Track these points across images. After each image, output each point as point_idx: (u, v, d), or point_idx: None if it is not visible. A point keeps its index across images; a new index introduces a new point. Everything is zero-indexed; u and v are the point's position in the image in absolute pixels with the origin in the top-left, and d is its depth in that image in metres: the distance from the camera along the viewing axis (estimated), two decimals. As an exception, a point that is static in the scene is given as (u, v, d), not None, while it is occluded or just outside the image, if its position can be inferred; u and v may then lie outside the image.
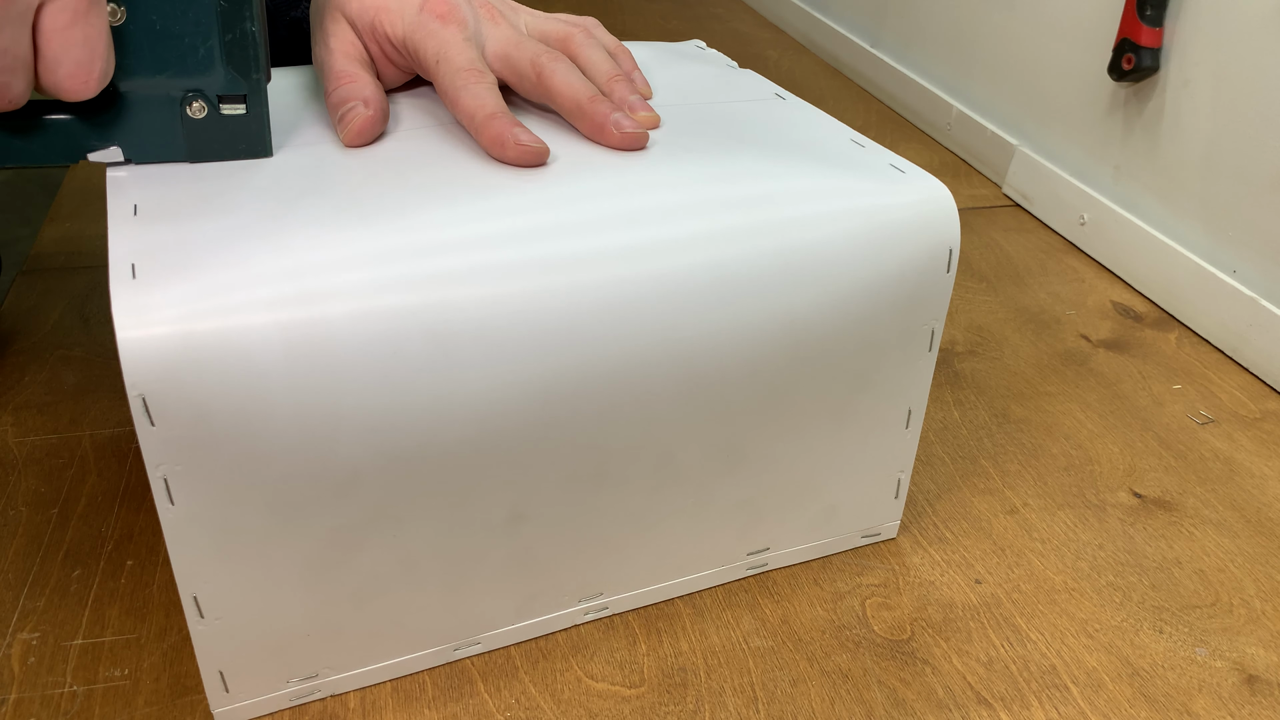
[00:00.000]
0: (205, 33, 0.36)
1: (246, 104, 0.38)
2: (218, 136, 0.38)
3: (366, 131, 0.40)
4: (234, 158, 0.39)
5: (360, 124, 0.40)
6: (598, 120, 0.41)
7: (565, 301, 0.36)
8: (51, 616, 0.44)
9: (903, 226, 0.41)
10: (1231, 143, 0.69)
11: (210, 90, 0.37)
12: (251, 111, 0.38)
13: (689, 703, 0.42)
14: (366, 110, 0.40)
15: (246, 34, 0.36)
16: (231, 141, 0.38)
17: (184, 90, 0.37)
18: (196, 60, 0.36)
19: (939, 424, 0.60)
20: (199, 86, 0.37)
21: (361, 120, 0.40)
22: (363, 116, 0.40)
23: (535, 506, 0.40)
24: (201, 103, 0.37)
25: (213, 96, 0.37)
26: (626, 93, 0.44)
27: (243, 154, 0.38)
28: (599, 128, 0.41)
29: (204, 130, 0.38)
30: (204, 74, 0.36)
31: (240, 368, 0.32)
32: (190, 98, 0.37)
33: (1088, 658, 0.45)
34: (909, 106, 1.09)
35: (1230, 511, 0.54)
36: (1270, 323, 0.65)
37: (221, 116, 0.37)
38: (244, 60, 0.37)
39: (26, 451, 0.54)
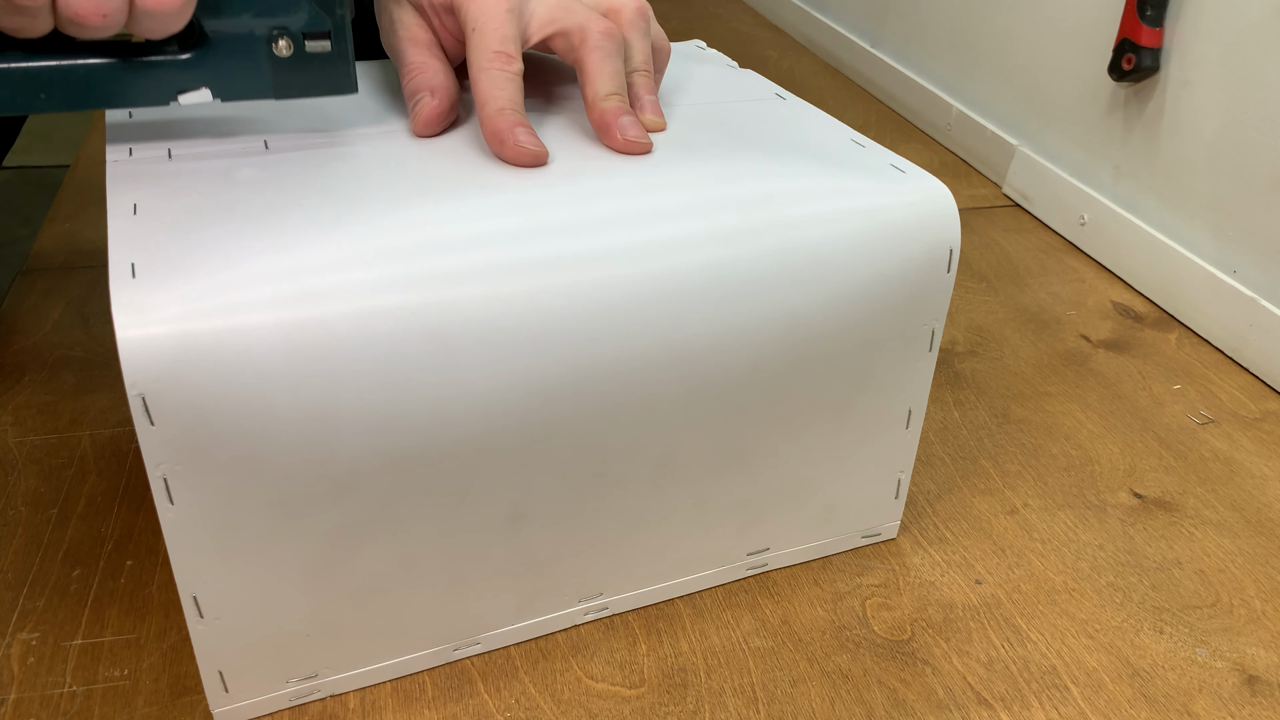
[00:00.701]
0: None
1: (331, 40, 0.38)
2: (303, 74, 0.38)
3: (434, 121, 0.41)
4: (319, 94, 0.39)
5: (427, 114, 0.41)
6: (606, 119, 0.41)
7: (565, 301, 0.36)
8: (51, 616, 0.44)
9: (903, 226, 0.41)
10: (1232, 143, 0.69)
11: (295, 27, 0.37)
12: (336, 48, 0.38)
13: (689, 703, 0.42)
14: (433, 100, 0.41)
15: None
16: (317, 79, 0.39)
17: (270, 28, 0.37)
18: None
19: (939, 424, 0.60)
20: (284, 24, 0.37)
21: (428, 111, 0.41)
22: (429, 107, 0.41)
23: (535, 506, 0.40)
24: (287, 40, 0.37)
25: (298, 33, 0.37)
26: (643, 90, 0.44)
27: (328, 90, 0.39)
28: (605, 127, 0.41)
29: (290, 68, 0.38)
30: (289, 11, 0.37)
31: (240, 367, 0.32)
32: (275, 35, 0.37)
33: (1088, 658, 0.45)
34: (909, 106, 1.09)
35: (1230, 512, 0.54)
36: (1270, 323, 0.65)
37: (306, 54, 0.38)
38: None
39: (26, 451, 0.54)
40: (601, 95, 0.42)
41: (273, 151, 0.40)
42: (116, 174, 0.37)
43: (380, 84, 0.47)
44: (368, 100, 0.45)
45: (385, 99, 0.46)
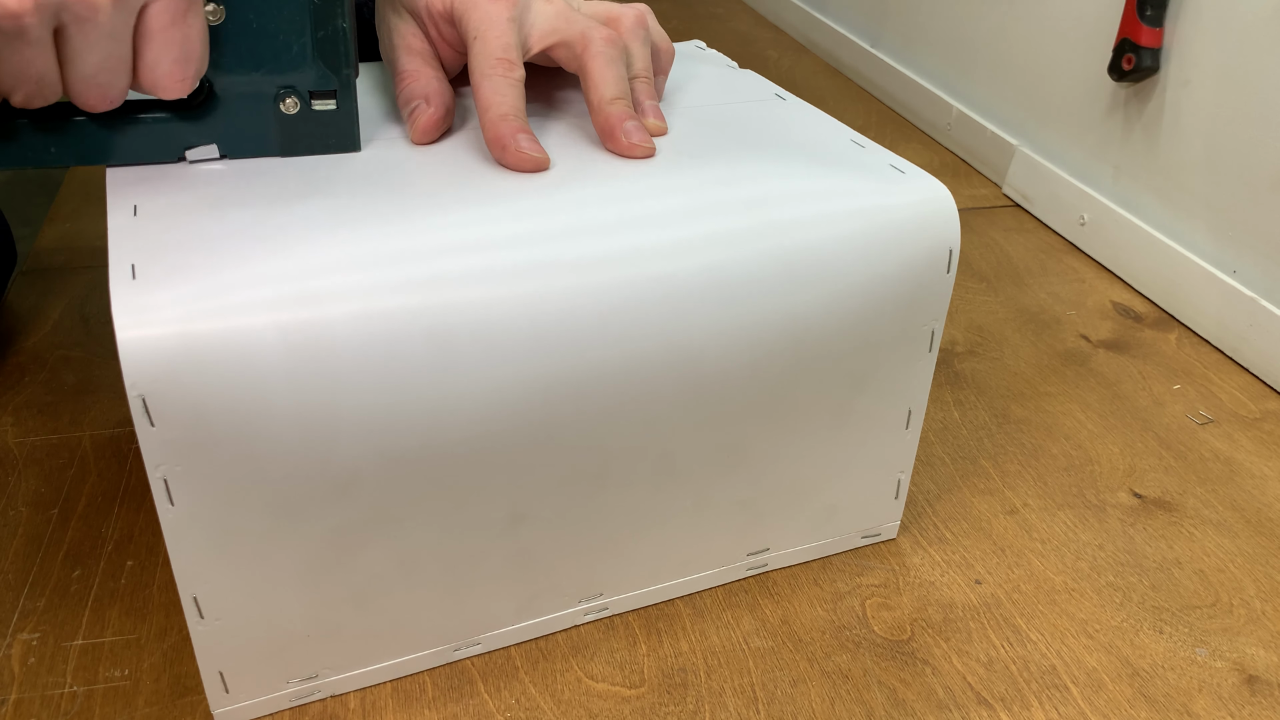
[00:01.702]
0: (299, 30, 0.37)
1: (337, 99, 0.39)
2: (309, 131, 0.39)
3: (431, 129, 0.41)
4: (324, 152, 0.40)
5: (424, 122, 0.41)
6: (610, 123, 0.42)
7: (565, 303, 0.36)
8: (51, 617, 0.44)
9: (903, 227, 0.41)
10: (1231, 143, 0.69)
11: (302, 86, 0.38)
12: (341, 107, 0.39)
13: (689, 703, 0.42)
14: (429, 108, 0.41)
15: (338, 30, 0.37)
16: (322, 136, 0.39)
17: (277, 87, 0.38)
18: (290, 57, 0.37)
19: (939, 424, 0.60)
20: (292, 83, 0.38)
21: (425, 119, 0.41)
22: (426, 115, 0.41)
23: (535, 507, 0.40)
24: (294, 99, 0.38)
25: (304, 92, 0.38)
26: (644, 96, 0.44)
27: (332, 148, 0.40)
28: (610, 131, 0.42)
29: (296, 126, 0.39)
30: (297, 70, 0.38)
31: (240, 368, 0.32)
32: (283, 94, 0.38)
33: (1088, 658, 0.45)
34: (909, 106, 1.09)
35: (1230, 512, 0.54)
36: (1270, 323, 0.65)
37: (313, 112, 0.39)
38: (335, 56, 0.38)
39: (26, 451, 0.54)
40: (606, 100, 0.42)
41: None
42: (116, 174, 0.37)
43: (380, 88, 0.47)
44: (368, 103, 0.45)
45: (385, 103, 0.46)
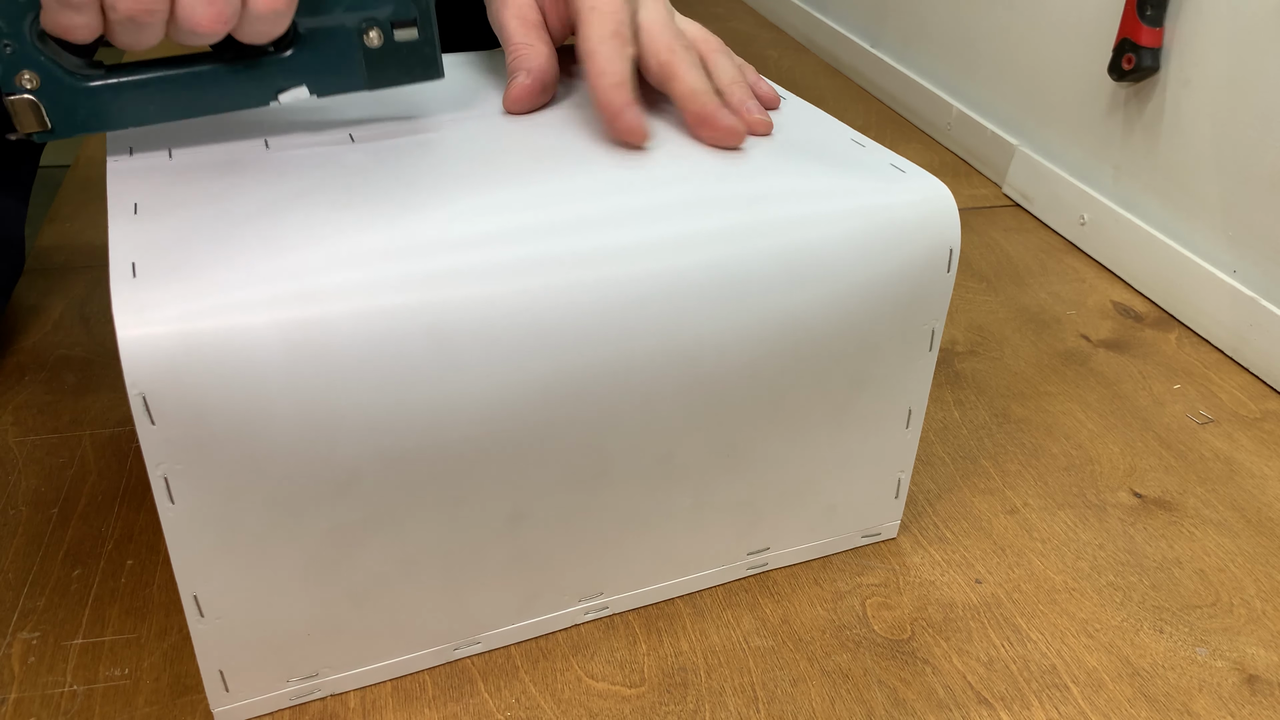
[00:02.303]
0: None
1: (418, 27, 0.39)
2: (393, 63, 0.40)
3: (522, 100, 0.43)
4: (409, 81, 0.41)
5: (516, 92, 0.43)
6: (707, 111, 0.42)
7: (565, 300, 0.36)
8: (51, 616, 0.44)
9: (903, 226, 0.41)
10: (1231, 143, 0.69)
11: (383, 16, 0.39)
12: (423, 34, 0.40)
13: (689, 702, 0.42)
14: (526, 80, 0.43)
15: None
16: (406, 67, 0.40)
17: (359, 20, 0.38)
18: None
19: (939, 424, 0.60)
20: (373, 15, 0.38)
21: (517, 89, 0.43)
22: (519, 86, 0.43)
23: (535, 506, 0.40)
24: (377, 30, 0.39)
25: (386, 23, 0.39)
26: (745, 96, 0.45)
27: (417, 78, 0.41)
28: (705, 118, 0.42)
29: (380, 58, 0.39)
30: (377, 2, 0.38)
31: (240, 367, 0.32)
32: (365, 26, 0.38)
33: (1088, 657, 0.45)
34: (909, 106, 1.09)
35: (1230, 511, 0.54)
36: (1270, 323, 0.65)
37: (395, 43, 0.39)
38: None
39: (26, 451, 0.54)
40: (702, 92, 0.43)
41: (273, 151, 0.40)
42: (117, 174, 0.37)
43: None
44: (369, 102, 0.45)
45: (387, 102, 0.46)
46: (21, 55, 0.34)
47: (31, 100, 0.35)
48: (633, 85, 0.42)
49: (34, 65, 0.34)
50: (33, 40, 0.34)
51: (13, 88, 0.35)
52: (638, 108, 0.41)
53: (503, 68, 0.49)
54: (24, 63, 0.34)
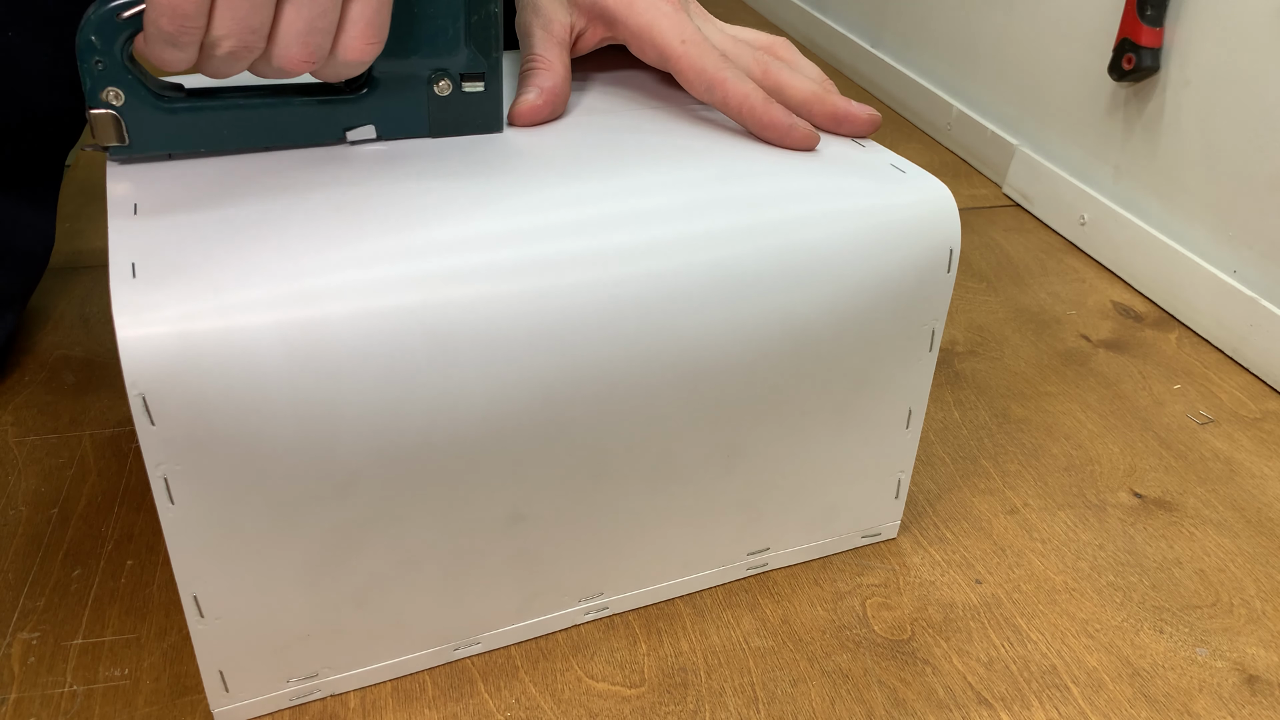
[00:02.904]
0: (455, 14, 0.38)
1: (485, 81, 0.40)
2: (458, 113, 0.41)
3: (529, 118, 0.43)
4: (470, 132, 0.42)
5: (525, 109, 0.43)
6: (773, 117, 0.43)
7: (565, 301, 0.36)
8: (51, 616, 0.44)
9: (903, 226, 0.41)
10: (1231, 143, 0.69)
11: (454, 69, 0.39)
12: (489, 89, 0.41)
13: (689, 703, 0.42)
14: (537, 101, 0.43)
15: (489, 15, 0.39)
16: (469, 117, 0.41)
17: (431, 70, 0.39)
18: (445, 40, 0.39)
19: (939, 424, 0.60)
20: (445, 65, 0.39)
21: (527, 107, 0.43)
22: (529, 104, 0.43)
23: (535, 506, 0.40)
24: (447, 81, 0.40)
25: (456, 75, 0.40)
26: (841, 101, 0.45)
27: (478, 129, 0.41)
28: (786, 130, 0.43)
29: (446, 107, 0.40)
30: (450, 54, 0.39)
31: (240, 367, 0.32)
32: (436, 76, 0.39)
33: (1088, 658, 0.45)
34: (909, 106, 1.09)
35: (1230, 511, 0.54)
36: (1270, 323, 0.65)
37: (463, 94, 0.40)
38: (485, 40, 0.39)
39: (26, 451, 0.54)
40: (760, 99, 0.43)
41: (273, 152, 0.40)
42: (116, 174, 0.37)
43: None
44: None
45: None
46: (111, 73, 0.35)
47: (115, 116, 0.36)
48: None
49: (122, 83, 0.35)
50: (123, 59, 0.35)
51: (98, 103, 0.36)
52: (794, 115, 0.43)
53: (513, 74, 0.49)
54: (113, 80, 0.35)
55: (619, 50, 0.48)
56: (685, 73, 0.44)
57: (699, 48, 0.43)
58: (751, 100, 0.43)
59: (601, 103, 0.47)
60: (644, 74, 0.50)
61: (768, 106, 0.43)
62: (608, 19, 0.45)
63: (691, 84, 0.44)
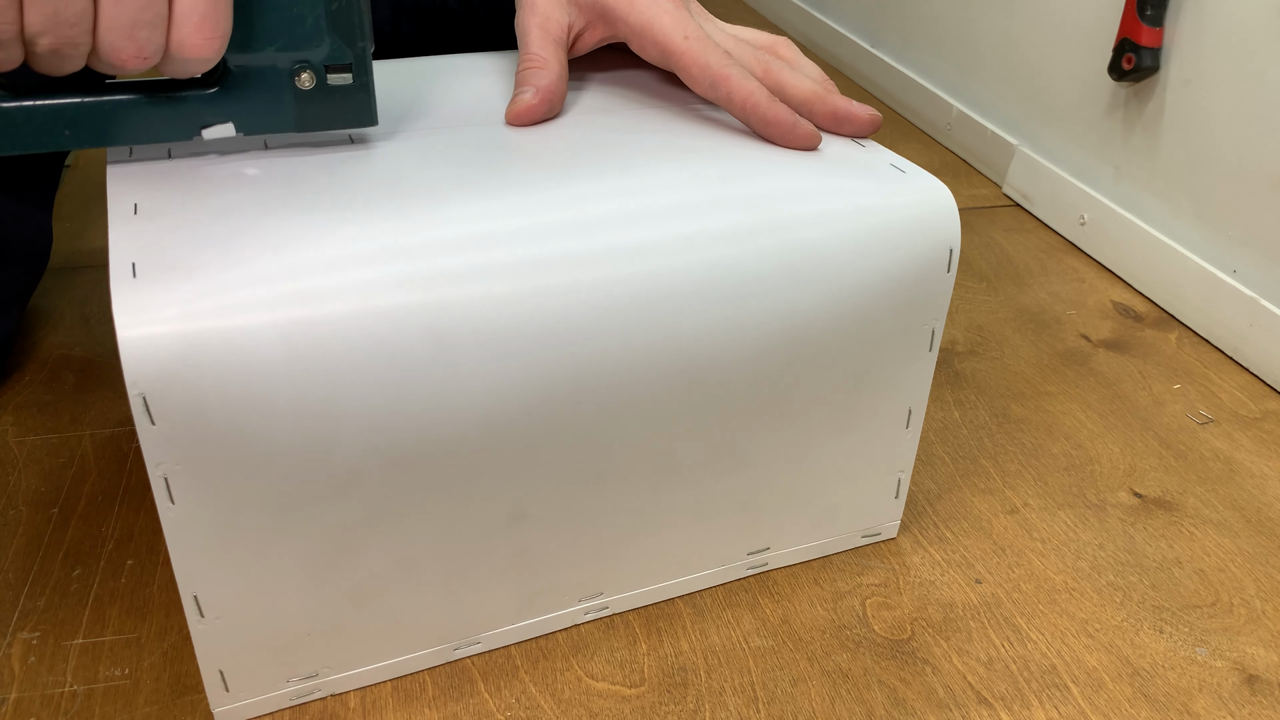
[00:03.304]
0: (313, 3, 0.36)
1: (352, 73, 0.38)
2: (325, 107, 0.39)
3: (525, 118, 0.43)
4: (340, 126, 0.39)
5: (520, 109, 0.43)
6: (779, 116, 0.43)
7: (565, 301, 0.36)
8: (51, 616, 0.44)
9: (903, 226, 0.41)
10: (1231, 143, 0.69)
11: (317, 60, 0.38)
12: (358, 80, 0.39)
13: (689, 702, 0.42)
14: (532, 100, 0.43)
15: (351, 3, 0.37)
16: (338, 111, 0.39)
17: (292, 62, 0.37)
18: (304, 31, 0.37)
19: (939, 424, 0.60)
20: (306, 57, 0.37)
21: (522, 106, 0.43)
22: (525, 104, 0.43)
23: (536, 506, 0.40)
24: (309, 73, 0.38)
25: (319, 66, 0.38)
26: (842, 101, 0.45)
27: (350, 124, 0.40)
28: (789, 129, 0.43)
29: (312, 101, 0.38)
30: (311, 44, 0.37)
31: (240, 367, 0.32)
32: (298, 69, 0.37)
33: (1088, 657, 0.45)
34: (909, 106, 1.09)
35: (1230, 511, 0.54)
36: (1270, 323, 0.65)
37: (329, 87, 0.38)
38: (349, 29, 0.37)
39: (26, 451, 0.54)
40: (765, 100, 0.43)
41: (273, 150, 0.40)
42: (116, 174, 0.37)
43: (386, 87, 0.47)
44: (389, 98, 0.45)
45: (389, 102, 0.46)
46: None
47: None
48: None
49: None
50: None
51: None
52: (797, 115, 0.43)
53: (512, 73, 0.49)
54: None
55: (618, 49, 0.48)
56: (689, 69, 0.43)
57: (702, 44, 0.43)
58: (755, 98, 0.43)
59: (601, 102, 0.47)
60: (643, 73, 0.50)
61: (772, 104, 0.42)
62: (608, 17, 0.45)
63: (695, 80, 0.44)
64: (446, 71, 0.48)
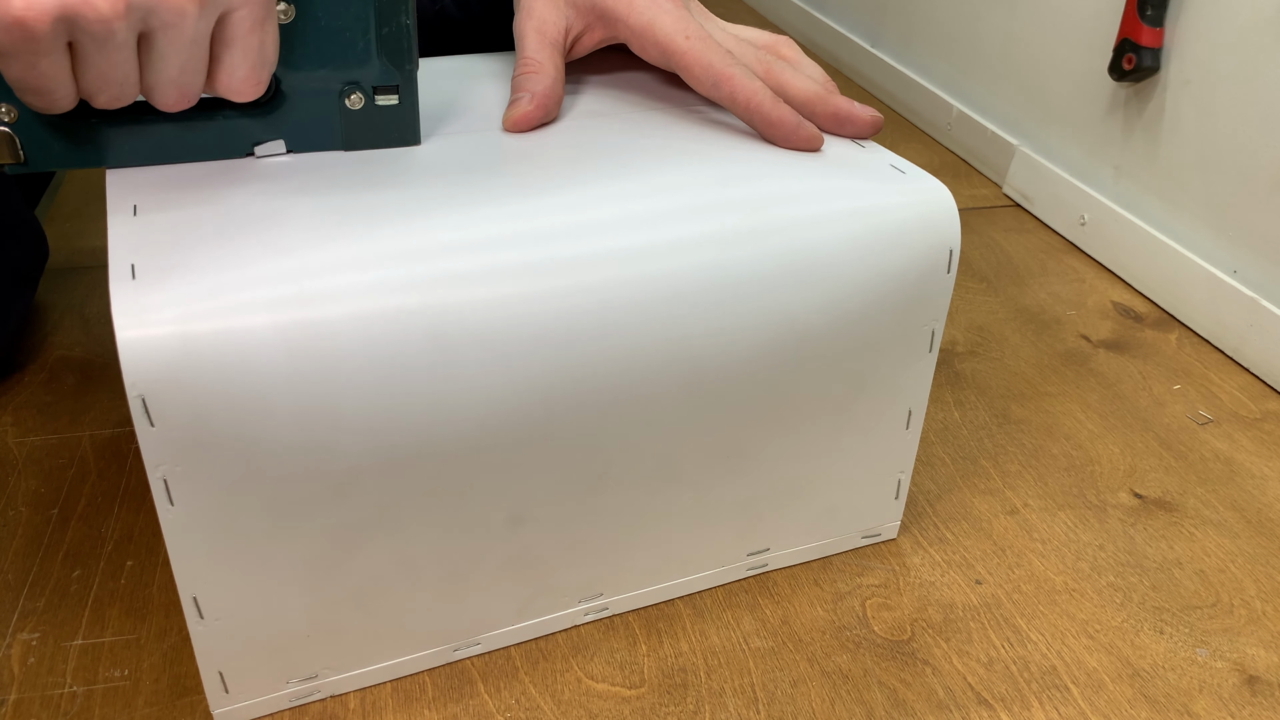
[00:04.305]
0: (364, 27, 0.38)
1: (399, 94, 0.40)
2: (372, 126, 0.40)
3: (521, 125, 0.43)
4: (385, 145, 0.41)
5: (516, 116, 0.43)
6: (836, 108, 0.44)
7: (565, 303, 0.36)
8: (51, 617, 0.44)
9: (903, 227, 0.41)
10: (1231, 143, 0.69)
11: (366, 82, 0.39)
12: (404, 101, 0.40)
13: (689, 703, 0.42)
14: (528, 107, 0.43)
15: (401, 27, 0.38)
16: (384, 130, 0.40)
17: (342, 83, 0.39)
18: (355, 53, 0.38)
19: (939, 424, 0.60)
20: (356, 79, 0.39)
21: (519, 114, 0.43)
22: (521, 110, 0.43)
23: (535, 507, 0.40)
24: (359, 94, 0.39)
25: (368, 88, 0.39)
26: (843, 102, 0.45)
27: (394, 142, 0.41)
28: (793, 129, 0.43)
29: (359, 120, 0.40)
30: (362, 66, 0.38)
31: (240, 368, 0.32)
32: (348, 90, 0.39)
33: (1088, 658, 0.45)
34: (909, 106, 1.09)
35: (1231, 512, 0.54)
36: (1270, 323, 0.65)
37: (376, 107, 0.40)
38: (398, 52, 0.39)
39: (26, 451, 0.54)
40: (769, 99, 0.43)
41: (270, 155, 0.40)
42: (116, 174, 0.37)
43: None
44: None
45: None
46: (2, 89, 0.34)
47: (8, 133, 0.35)
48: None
49: (11, 99, 0.35)
50: None
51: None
52: (800, 115, 0.43)
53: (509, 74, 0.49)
54: (4, 96, 0.34)
55: (617, 51, 0.48)
56: (691, 68, 0.43)
57: (704, 43, 0.43)
58: (759, 98, 0.42)
59: (599, 105, 0.47)
60: (642, 75, 0.50)
61: (775, 105, 0.42)
62: (608, 19, 0.44)
63: (697, 80, 0.44)
64: (444, 75, 0.48)
